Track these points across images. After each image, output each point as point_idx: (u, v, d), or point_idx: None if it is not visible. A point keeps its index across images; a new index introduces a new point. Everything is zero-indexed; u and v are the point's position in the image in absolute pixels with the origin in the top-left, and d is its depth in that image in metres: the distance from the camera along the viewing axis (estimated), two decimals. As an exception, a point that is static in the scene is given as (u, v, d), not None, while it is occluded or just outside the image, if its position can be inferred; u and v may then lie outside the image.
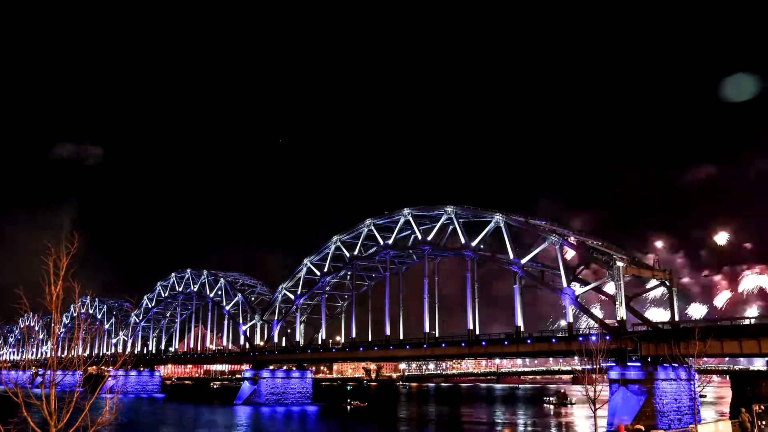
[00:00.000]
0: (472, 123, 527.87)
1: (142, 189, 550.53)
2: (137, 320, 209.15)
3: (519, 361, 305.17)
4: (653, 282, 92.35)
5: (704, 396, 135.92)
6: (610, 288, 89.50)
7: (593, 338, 76.79)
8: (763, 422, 32.99)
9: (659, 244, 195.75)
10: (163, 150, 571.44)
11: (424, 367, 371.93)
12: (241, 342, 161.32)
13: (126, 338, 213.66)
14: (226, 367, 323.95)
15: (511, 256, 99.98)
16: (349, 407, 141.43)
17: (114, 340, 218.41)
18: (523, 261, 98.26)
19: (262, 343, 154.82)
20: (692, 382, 77.94)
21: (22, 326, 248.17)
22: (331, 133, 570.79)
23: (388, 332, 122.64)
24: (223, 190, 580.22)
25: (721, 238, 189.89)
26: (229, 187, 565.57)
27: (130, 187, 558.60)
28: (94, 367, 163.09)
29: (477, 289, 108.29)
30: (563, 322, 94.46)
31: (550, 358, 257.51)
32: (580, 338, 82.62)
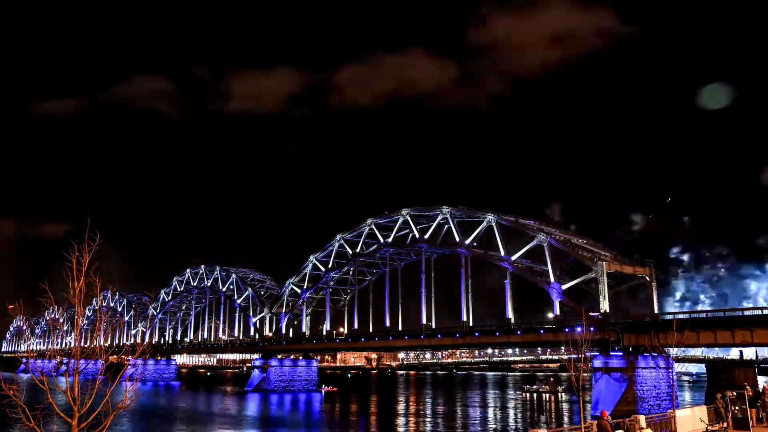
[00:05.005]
0: (468, 126, 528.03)
1: (160, 191, 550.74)
2: (155, 313, 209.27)
3: (509, 350, 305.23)
4: (635, 277, 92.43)
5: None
6: (594, 283, 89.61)
7: (578, 329, 76.68)
8: (736, 407, 32.96)
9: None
10: (170, 154, 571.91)
11: (422, 356, 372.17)
12: (251, 333, 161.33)
13: (144, 329, 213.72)
14: (237, 357, 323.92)
15: (503, 253, 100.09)
16: (322, 392, 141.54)
17: (133, 331, 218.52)
18: (514, 258, 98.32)
19: (270, 334, 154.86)
20: (670, 370, 78.06)
21: (47, 318, 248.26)
22: (334, 138, 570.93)
23: (387, 324, 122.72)
24: (234, 193, 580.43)
25: None
26: (240, 190, 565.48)
27: (147, 189, 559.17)
28: (115, 356, 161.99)
29: (470, 284, 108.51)
30: (550, 315, 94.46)
31: (539, 348, 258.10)
32: (567, 329, 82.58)
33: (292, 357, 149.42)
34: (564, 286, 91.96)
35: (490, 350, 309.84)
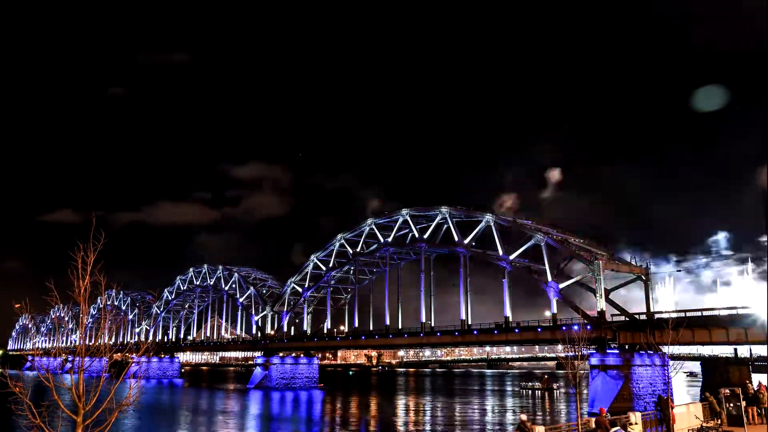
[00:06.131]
0: (466, 127, 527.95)
1: (160, 191, 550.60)
2: (158, 311, 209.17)
3: (507, 348, 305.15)
4: (630, 276, 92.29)
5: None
6: (590, 282, 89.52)
7: (575, 328, 76.71)
8: (731, 404, 32.94)
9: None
10: (171, 162, 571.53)
11: (421, 354, 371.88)
12: (254, 331, 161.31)
13: (148, 328, 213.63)
14: (239, 354, 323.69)
15: (501, 252, 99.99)
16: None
17: (137, 330, 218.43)
18: (512, 257, 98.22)
19: (272, 332, 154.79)
20: (666, 368, 77.80)
21: (53, 316, 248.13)
22: (336, 142, 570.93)
23: (387, 322, 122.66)
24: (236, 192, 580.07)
25: None
26: (242, 189, 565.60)
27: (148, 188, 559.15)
28: (119, 354, 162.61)
29: (469, 283, 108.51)
30: (548, 313, 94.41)
31: (536, 346, 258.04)
32: (564, 328, 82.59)
33: (293, 355, 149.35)
34: (561, 285, 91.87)
35: (488, 348, 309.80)
